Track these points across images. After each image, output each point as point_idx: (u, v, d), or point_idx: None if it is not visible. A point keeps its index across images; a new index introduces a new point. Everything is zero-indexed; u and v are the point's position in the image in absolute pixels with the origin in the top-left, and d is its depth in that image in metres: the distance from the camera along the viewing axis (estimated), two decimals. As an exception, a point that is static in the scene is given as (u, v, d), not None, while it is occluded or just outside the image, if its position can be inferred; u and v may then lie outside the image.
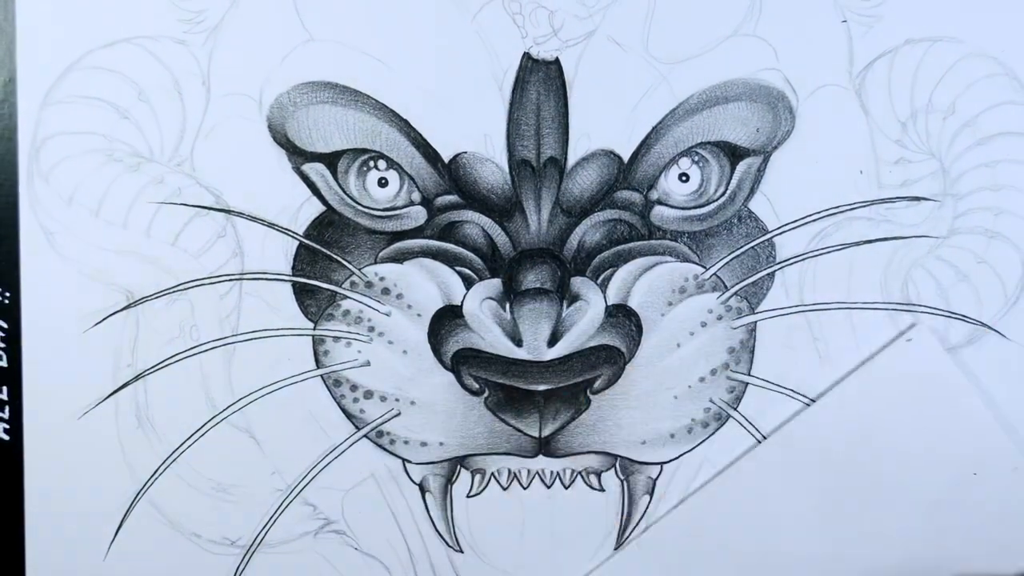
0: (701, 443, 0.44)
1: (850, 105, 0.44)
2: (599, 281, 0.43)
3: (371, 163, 0.43)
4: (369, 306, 0.43)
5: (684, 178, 0.44)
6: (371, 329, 0.43)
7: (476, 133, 0.43)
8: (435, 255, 0.43)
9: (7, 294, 0.43)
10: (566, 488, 0.44)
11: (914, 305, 0.44)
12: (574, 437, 0.44)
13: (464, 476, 0.44)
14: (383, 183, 0.43)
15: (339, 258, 0.43)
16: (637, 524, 0.45)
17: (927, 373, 0.44)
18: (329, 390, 0.43)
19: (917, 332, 0.44)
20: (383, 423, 0.43)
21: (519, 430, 0.43)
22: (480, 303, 0.43)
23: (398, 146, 0.43)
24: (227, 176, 0.43)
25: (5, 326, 0.43)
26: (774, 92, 0.44)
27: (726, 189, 0.44)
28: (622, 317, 0.43)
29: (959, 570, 0.45)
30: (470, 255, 0.43)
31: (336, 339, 0.43)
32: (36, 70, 0.42)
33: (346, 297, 0.43)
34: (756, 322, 0.44)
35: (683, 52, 0.43)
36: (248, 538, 0.44)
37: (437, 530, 0.44)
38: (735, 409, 0.44)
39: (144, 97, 0.42)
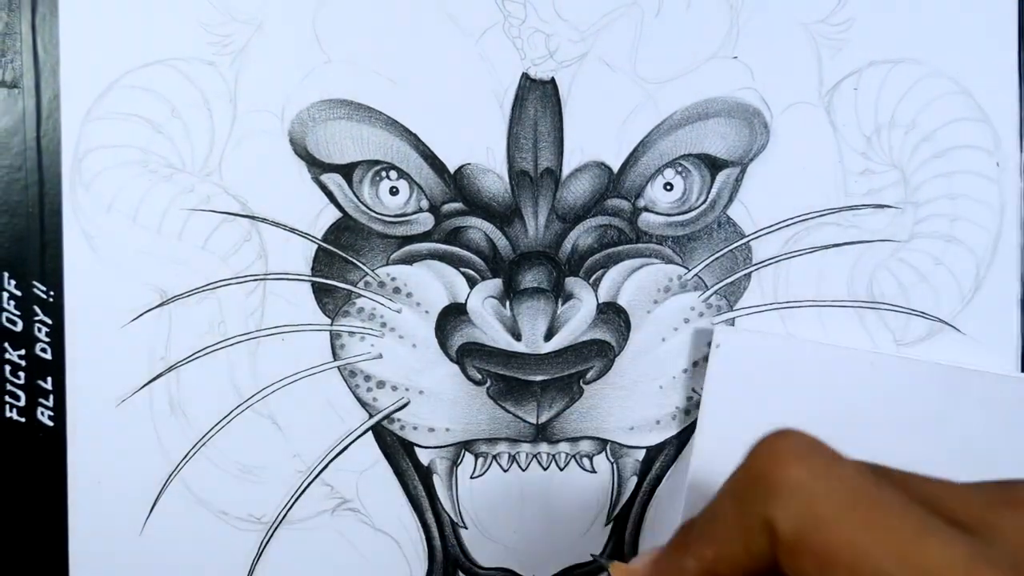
0: (684, 429, 0.46)
1: (820, 121, 0.46)
2: (591, 281, 0.45)
3: (383, 173, 0.45)
4: (382, 304, 0.45)
5: (668, 187, 0.46)
6: (383, 325, 0.45)
7: (479, 146, 0.45)
8: (442, 257, 0.45)
9: (51, 293, 0.44)
10: (561, 470, 0.46)
11: (878, 303, 0.46)
12: (568, 423, 0.45)
13: (468, 459, 0.45)
14: (394, 192, 0.45)
15: (354, 260, 0.45)
16: (626, 502, 0.46)
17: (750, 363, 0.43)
18: (345, 380, 0.45)
19: (720, 333, 0.44)
20: (394, 411, 0.45)
21: (518, 417, 0.45)
22: (483, 301, 0.45)
23: (408, 158, 0.45)
24: (252, 185, 0.44)
25: (49, 322, 0.44)
26: (750, 109, 0.45)
27: (707, 197, 0.46)
28: (612, 314, 0.45)
29: None
30: (473, 257, 0.45)
31: (351, 334, 0.45)
32: (78, 89, 0.43)
33: (361, 296, 0.45)
34: (734, 319, 0.46)
35: (668, 72, 0.45)
36: (271, 515, 0.45)
37: (443, 508, 0.46)
38: (715, 398, 0.45)
39: (177, 113, 0.44)
